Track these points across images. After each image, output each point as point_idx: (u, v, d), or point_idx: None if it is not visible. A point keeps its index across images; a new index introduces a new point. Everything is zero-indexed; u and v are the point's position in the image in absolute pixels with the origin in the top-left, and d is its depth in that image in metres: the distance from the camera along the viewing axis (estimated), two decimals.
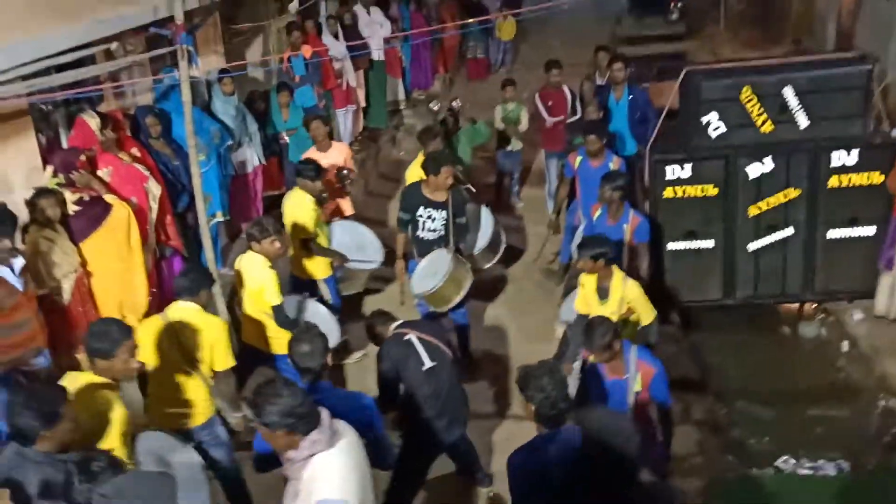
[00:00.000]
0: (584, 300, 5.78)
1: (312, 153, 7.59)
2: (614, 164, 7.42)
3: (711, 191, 7.18)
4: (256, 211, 8.38)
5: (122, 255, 5.71)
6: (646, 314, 5.64)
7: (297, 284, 6.73)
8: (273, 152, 8.78)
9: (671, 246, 7.37)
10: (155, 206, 6.13)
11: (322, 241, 6.69)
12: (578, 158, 7.60)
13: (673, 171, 7.14)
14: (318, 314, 6.23)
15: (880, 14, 10.99)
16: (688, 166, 7.12)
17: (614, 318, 5.24)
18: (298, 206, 6.50)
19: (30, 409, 3.33)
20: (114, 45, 6.05)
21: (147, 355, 4.59)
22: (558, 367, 3.83)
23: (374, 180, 10.77)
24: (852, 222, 7.16)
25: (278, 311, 5.55)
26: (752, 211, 7.19)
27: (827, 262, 7.27)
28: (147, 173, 6.10)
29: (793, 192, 7.11)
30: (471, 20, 13.13)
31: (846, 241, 7.21)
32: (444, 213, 6.50)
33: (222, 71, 7.96)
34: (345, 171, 7.58)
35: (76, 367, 4.79)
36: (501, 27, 16.10)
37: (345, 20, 11.04)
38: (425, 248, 6.62)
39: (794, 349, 7.59)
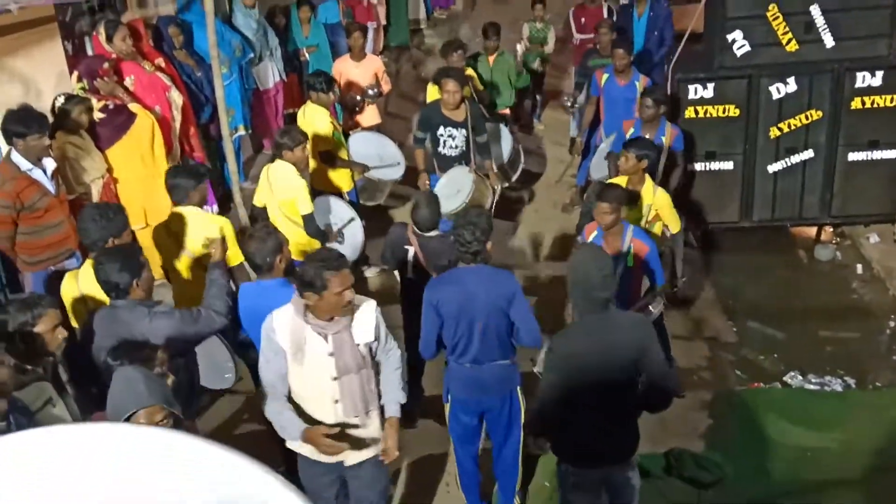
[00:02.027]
0: None
1: (346, 61, 7.88)
2: (640, 83, 7.38)
3: (733, 111, 7.14)
4: (278, 126, 8.42)
5: (146, 162, 5.83)
6: (674, 223, 5.85)
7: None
8: (293, 69, 8.77)
9: (691, 167, 7.36)
10: (178, 116, 6.21)
11: (342, 153, 6.76)
12: (605, 76, 7.52)
13: (696, 91, 7.10)
14: (350, 216, 6.25)
15: None
16: (711, 86, 7.07)
17: (642, 223, 5.54)
18: (315, 119, 6.51)
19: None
20: None
21: (158, 262, 4.80)
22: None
23: (394, 99, 10.74)
24: (873, 145, 7.12)
25: (309, 221, 5.59)
26: (773, 132, 7.16)
27: (846, 185, 7.26)
28: (170, 83, 6.16)
29: (815, 114, 7.06)
30: None
31: (866, 163, 7.18)
32: (463, 132, 6.57)
33: None
34: (373, 91, 7.71)
35: None
36: None
37: None
38: (447, 164, 6.69)
39: (808, 271, 7.66)
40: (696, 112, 7.18)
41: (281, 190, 5.63)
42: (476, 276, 4.20)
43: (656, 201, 5.70)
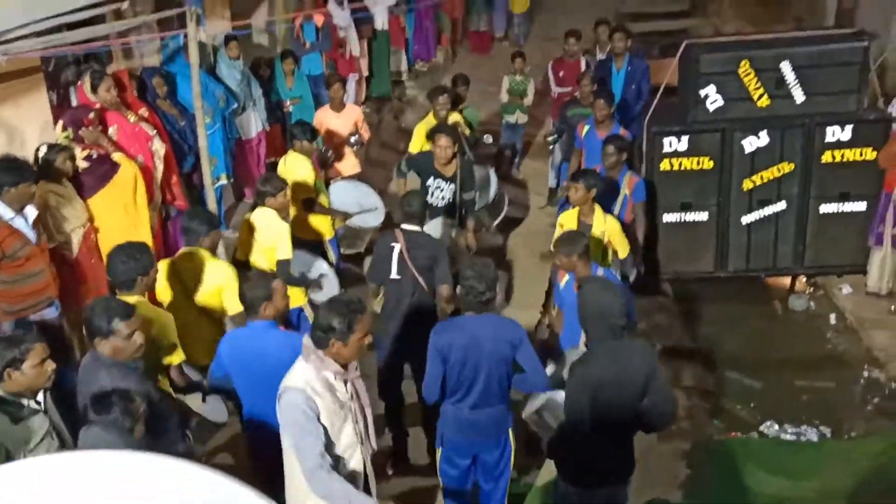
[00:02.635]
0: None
1: (326, 112, 8.03)
2: (628, 182, 7.13)
3: (707, 164, 7.31)
4: (260, 175, 8.49)
5: (128, 212, 5.85)
6: (622, 248, 6.12)
7: (300, 246, 6.84)
8: (276, 119, 8.88)
9: (666, 217, 7.51)
10: (160, 166, 6.26)
11: (323, 200, 6.83)
12: (585, 128, 7.65)
13: (670, 144, 7.27)
14: (323, 272, 6.33)
15: None
16: (685, 138, 7.25)
17: (597, 250, 5.81)
18: (296, 167, 6.56)
19: (127, 258, 4.15)
20: (124, 5, 6.14)
21: (160, 296, 4.94)
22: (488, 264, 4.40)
23: (375, 149, 10.86)
24: (844, 197, 7.30)
25: (283, 266, 5.58)
26: (747, 184, 7.33)
27: (818, 236, 7.42)
28: (153, 133, 6.22)
29: (787, 167, 7.24)
30: None
31: (838, 215, 7.35)
32: (451, 186, 6.69)
33: (228, 36, 8.05)
34: (354, 138, 7.88)
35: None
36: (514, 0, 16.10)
37: None
38: (433, 213, 6.74)
39: (783, 321, 7.77)
40: (671, 164, 7.34)
41: (264, 235, 5.65)
42: (483, 323, 4.32)
43: (608, 228, 5.99)
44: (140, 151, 6.13)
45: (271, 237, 5.60)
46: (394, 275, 5.39)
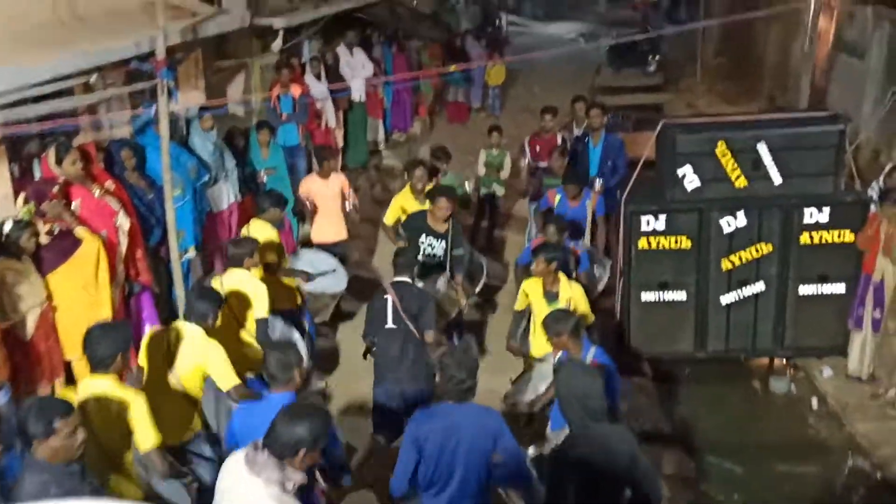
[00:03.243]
0: (525, 301, 6.35)
1: (313, 179, 8.31)
2: (591, 202, 7.72)
3: (685, 243, 7.24)
4: None
5: (88, 289, 5.62)
6: (586, 315, 6.23)
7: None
8: (250, 190, 8.72)
9: (644, 297, 7.41)
10: (125, 241, 6.05)
11: (284, 264, 6.88)
12: (557, 197, 7.79)
13: (648, 223, 7.21)
14: (293, 339, 6.20)
15: (853, 72, 11.27)
16: (662, 218, 7.19)
17: None
18: (259, 232, 6.54)
19: (107, 334, 4.04)
20: (93, 78, 6.02)
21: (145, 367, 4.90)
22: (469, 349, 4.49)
23: (351, 218, 10.75)
24: (823, 279, 7.24)
25: (262, 325, 5.66)
26: (725, 265, 7.26)
27: (798, 317, 7.34)
28: (118, 207, 6.02)
29: (765, 247, 7.19)
30: (455, 66, 13.23)
31: (817, 297, 7.28)
32: (443, 243, 6.90)
33: (202, 107, 7.95)
34: (350, 206, 8.28)
35: None
36: (490, 72, 16.28)
37: (327, 61, 11.11)
38: (424, 271, 6.84)
39: (764, 404, 7.61)
40: (649, 243, 7.26)
41: (243, 296, 5.64)
42: (463, 413, 4.18)
43: (573, 295, 6.17)
44: (104, 226, 5.92)
45: (249, 296, 5.65)
46: (389, 325, 5.81)
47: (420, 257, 6.79)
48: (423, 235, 6.89)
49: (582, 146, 8.75)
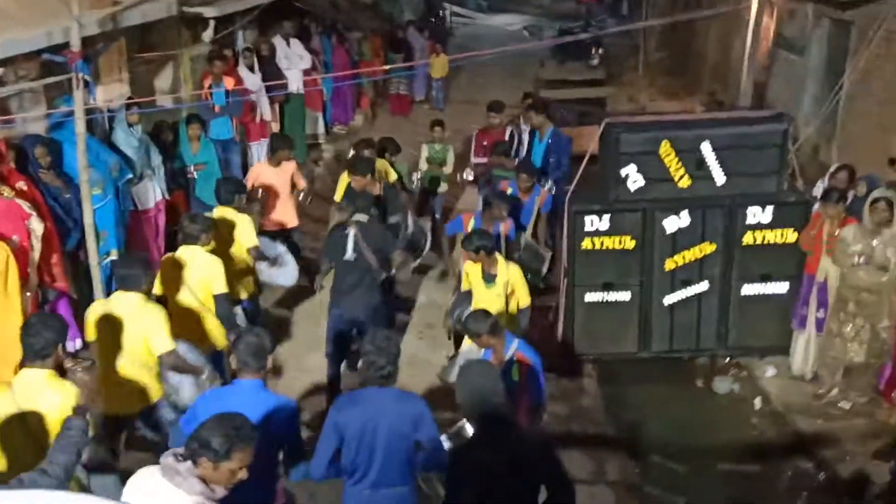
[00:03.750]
0: (468, 282, 6.44)
1: (263, 166, 8.16)
2: (541, 196, 7.81)
3: (629, 243, 7.12)
4: (158, 248, 7.88)
5: None
6: (524, 296, 6.31)
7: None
8: (179, 185, 8.33)
9: (588, 297, 7.28)
10: (38, 246, 5.64)
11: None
12: (510, 189, 7.79)
13: (591, 223, 7.06)
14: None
15: (793, 69, 11.32)
16: (606, 218, 7.05)
17: (501, 300, 6.15)
18: (238, 220, 6.47)
19: (44, 327, 3.89)
20: (1, 71, 5.58)
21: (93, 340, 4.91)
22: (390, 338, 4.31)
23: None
24: (765, 278, 7.19)
25: (222, 301, 5.63)
26: (669, 265, 7.16)
27: (741, 317, 7.29)
28: (30, 210, 5.61)
29: (708, 247, 7.10)
30: (400, 64, 12.94)
31: (760, 297, 7.24)
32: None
33: (129, 103, 7.51)
34: (302, 192, 8.25)
35: None
36: (434, 64, 16.01)
37: (262, 51, 10.70)
38: None
39: (708, 404, 7.53)
40: (593, 243, 7.12)
41: (196, 271, 5.55)
42: (383, 397, 4.14)
43: (511, 276, 6.21)
44: (15, 231, 5.52)
45: (204, 270, 5.57)
46: (349, 255, 6.30)
47: None
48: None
49: (531, 137, 8.82)
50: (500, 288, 6.17)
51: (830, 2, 9.70)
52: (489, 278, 6.23)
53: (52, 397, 3.86)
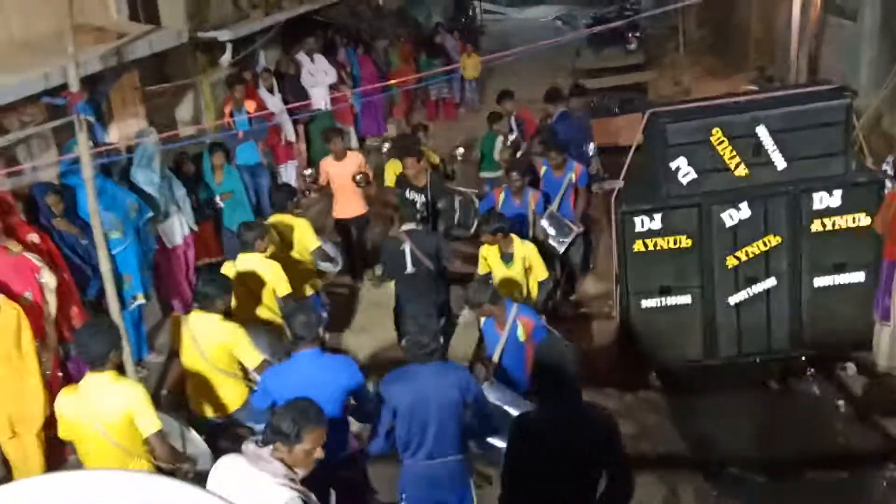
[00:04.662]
0: (487, 266, 6.69)
1: (329, 161, 8.42)
2: (575, 171, 7.94)
3: (685, 242, 6.56)
4: (189, 285, 7.59)
5: (11, 361, 4.93)
6: (541, 271, 6.58)
7: None
8: (206, 217, 8.01)
9: (645, 303, 6.75)
10: (52, 300, 5.34)
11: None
12: (543, 168, 8.06)
13: (642, 223, 6.52)
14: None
15: (846, 36, 10.55)
16: (658, 216, 6.51)
17: (521, 276, 6.52)
18: (297, 225, 6.80)
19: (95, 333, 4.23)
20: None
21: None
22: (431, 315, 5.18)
23: (329, 234, 10.06)
24: (839, 268, 6.55)
25: (284, 302, 5.96)
26: (731, 262, 6.58)
27: (815, 313, 6.67)
28: (40, 263, 5.30)
29: (773, 240, 6.50)
30: (435, 70, 12.49)
31: (834, 288, 6.61)
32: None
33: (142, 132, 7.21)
34: (359, 176, 8.20)
35: None
36: (466, 65, 15.51)
37: (283, 69, 10.36)
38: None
39: (786, 410, 6.89)
40: (646, 245, 6.58)
41: (208, 343, 5.17)
42: (429, 373, 4.40)
43: (527, 253, 6.52)
44: (26, 287, 5.23)
45: (220, 338, 5.24)
46: (409, 269, 6.68)
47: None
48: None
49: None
50: (519, 265, 6.50)
51: None
52: (507, 258, 6.52)
53: (115, 397, 4.16)
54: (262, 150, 9.30)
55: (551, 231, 7.58)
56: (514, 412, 4.76)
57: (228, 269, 5.98)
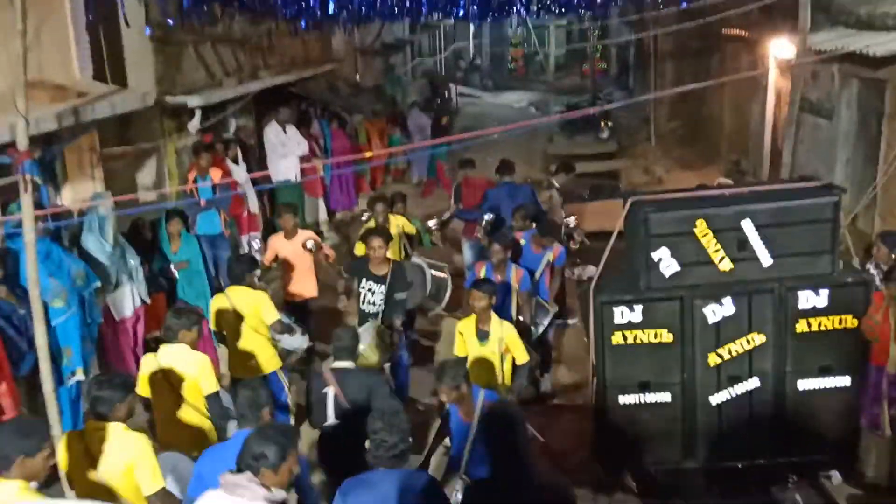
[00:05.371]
0: (463, 345, 6.37)
1: (279, 239, 8.00)
2: (554, 251, 7.86)
3: (666, 336, 6.23)
4: (136, 359, 7.06)
5: None
6: (520, 353, 6.31)
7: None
8: (160, 288, 7.56)
9: (622, 399, 6.36)
10: None
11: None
12: (522, 241, 7.97)
13: (622, 314, 6.19)
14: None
15: (822, 135, 10.59)
16: (638, 308, 6.18)
17: (496, 357, 6.18)
18: (253, 297, 6.50)
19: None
20: None
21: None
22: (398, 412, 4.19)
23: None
24: (825, 371, 6.25)
25: (214, 400, 5.43)
26: (713, 359, 6.25)
27: (799, 417, 6.32)
28: None
29: (758, 338, 6.20)
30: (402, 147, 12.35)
31: (820, 392, 6.28)
32: (382, 288, 6.89)
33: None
34: (310, 242, 7.81)
35: None
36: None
37: (244, 137, 10.09)
38: (363, 320, 6.89)
39: None
40: (625, 337, 6.24)
41: (182, 371, 5.35)
42: (392, 481, 3.90)
43: (505, 334, 6.22)
44: None
45: (191, 369, 5.38)
46: (331, 420, 5.46)
47: (362, 305, 6.97)
48: (364, 280, 6.94)
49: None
50: (494, 345, 6.21)
51: (860, 61, 9.00)
52: (482, 335, 6.24)
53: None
54: (225, 220, 8.92)
55: (540, 317, 7.37)
56: None
57: (149, 363, 5.49)
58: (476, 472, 4.95)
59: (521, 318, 7.26)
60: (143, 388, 5.41)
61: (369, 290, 6.94)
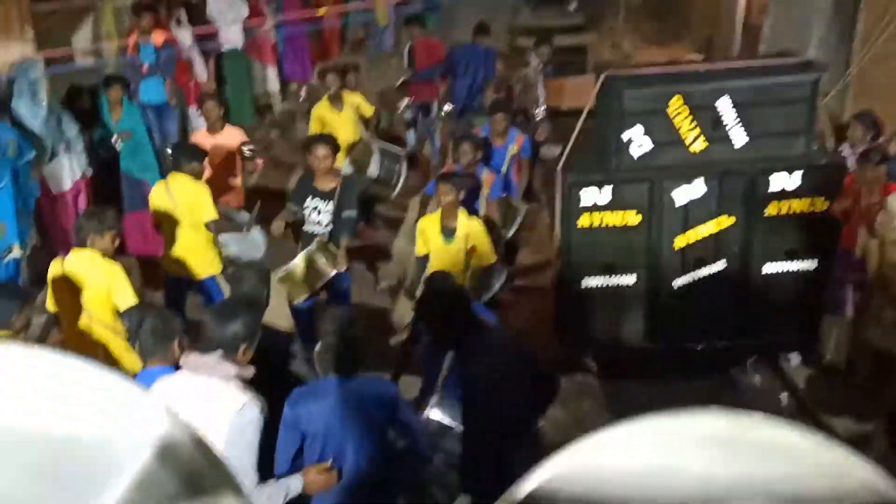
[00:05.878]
0: (425, 243, 6.03)
1: (202, 135, 7.08)
2: (517, 142, 7.39)
3: (633, 218, 6.05)
4: None
5: None
6: (488, 253, 6.00)
7: (176, 283, 6.11)
8: (102, 160, 7.11)
9: (586, 282, 6.24)
10: None
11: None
12: (482, 133, 7.46)
13: (589, 196, 5.97)
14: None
15: (795, 13, 10.20)
16: (607, 190, 5.96)
17: (461, 255, 5.84)
18: (192, 189, 5.87)
19: None
20: None
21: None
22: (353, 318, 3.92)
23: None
24: (791, 255, 6.17)
25: (129, 318, 4.77)
26: (679, 242, 6.11)
27: (763, 299, 6.28)
28: None
29: (726, 221, 6.06)
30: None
31: (784, 275, 6.23)
32: (329, 205, 6.03)
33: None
34: (248, 147, 7.01)
35: None
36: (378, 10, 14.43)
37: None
38: (308, 242, 5.98)
39: (727, 401, 6.50)
40: (591, 220, 6.05)
41: (91, 281, 4.78)
42: (348, 387, 3.63)
43: (472, 231, 5.89)
44: None
45: (101, 280, 4.80)
46: None
47: (306, 227, 6.11)
48: (309, 198, 6.07)
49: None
50: (461, 242, 5.88)
51: None
52: (448, 233, 5.91)
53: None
54: (169, 89, 8.34)
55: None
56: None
57: (55, 269, 4.91)
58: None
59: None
60: (49, 302, 4.98)
61: (314, 208, 6.11)
